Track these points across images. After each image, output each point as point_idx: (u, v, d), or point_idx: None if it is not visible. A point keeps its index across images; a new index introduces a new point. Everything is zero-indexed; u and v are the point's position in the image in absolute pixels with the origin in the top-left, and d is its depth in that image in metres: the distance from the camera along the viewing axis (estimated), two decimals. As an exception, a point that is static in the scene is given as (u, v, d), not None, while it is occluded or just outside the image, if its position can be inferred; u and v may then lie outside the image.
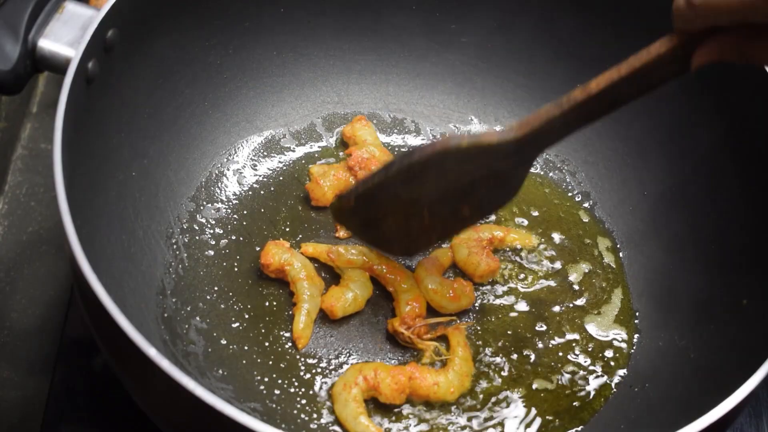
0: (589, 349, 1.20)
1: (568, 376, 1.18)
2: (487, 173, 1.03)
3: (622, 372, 1.18)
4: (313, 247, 1.23)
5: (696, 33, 0.86)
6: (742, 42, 0.84)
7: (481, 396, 1.15)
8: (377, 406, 1.12)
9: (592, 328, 1.22)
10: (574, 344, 1.20)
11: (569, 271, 1.27)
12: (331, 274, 1.22)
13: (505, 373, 1.17)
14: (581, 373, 1.18)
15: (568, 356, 1.19)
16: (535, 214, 1.32)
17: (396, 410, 1.12)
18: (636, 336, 1.22)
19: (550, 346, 1.20)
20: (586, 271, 1.27)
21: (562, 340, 1.20)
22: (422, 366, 1.14)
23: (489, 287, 1.24)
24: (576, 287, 1.25)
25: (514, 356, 1.18)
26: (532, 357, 1.19)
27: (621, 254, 1.29)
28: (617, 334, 1.21)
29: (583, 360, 1.19)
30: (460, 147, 0.99)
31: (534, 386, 1.16)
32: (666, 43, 0.88)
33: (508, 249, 1.28)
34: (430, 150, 1.00)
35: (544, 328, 1.21)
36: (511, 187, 1.07)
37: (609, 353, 1.20)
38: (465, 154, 0.99)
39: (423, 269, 1.21)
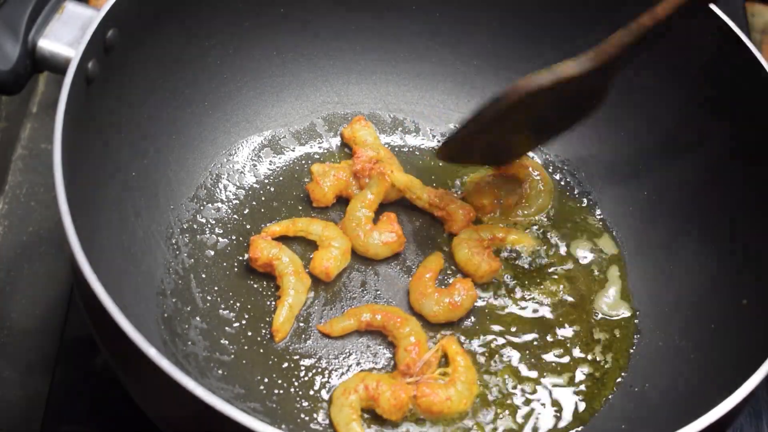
0: (591, 347, 1.20)
1: (569, 375, 1.18)
2: (569, 96, 1.11)
3: (622, 372, 1.18)
4: (278, 225, 1.23)
5: None
6: None
7: (484, 399, 1.15)
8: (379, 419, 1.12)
9: (593, 325, 1.22)
10: (575, 342, 1.20)
11: (568, 270, 1.27)
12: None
13: (508, 376, 1.17)
14: (583, 371, 1.18)
15: (570, 355, 1.19)
16: (535, 213, 1.32)
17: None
18: (636, 336, 1.22)
19: (551, 344, 1.20)
20: (585, 264, 1.27)
21: (563, 339, 1.20)
22: (429, 382, 1.12)
23: (490, 287, 1.24)
24: (575, 286, 1.25)
25: (515, 356, 1.18)
26: (533, 356, 1.18)
27: (621, 254, 1.29)
28: (620, 327, 1.21)
29: (585, 358, 1.19)
30: (543, 86, 1.06)
31: (534, 386, 1.16)
32: None
33: (508, 249, 1.27)
34: (515, 95, 1.07)
35: (546, 327, 1.21)
36: (594, 102, 1.15)
37: (609, 353, 1.20)
38: (547, 89, 1.07)
39: (416, 293, 1.20)
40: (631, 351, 1.20)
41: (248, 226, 1.26)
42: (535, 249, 1.28)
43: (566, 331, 1.21)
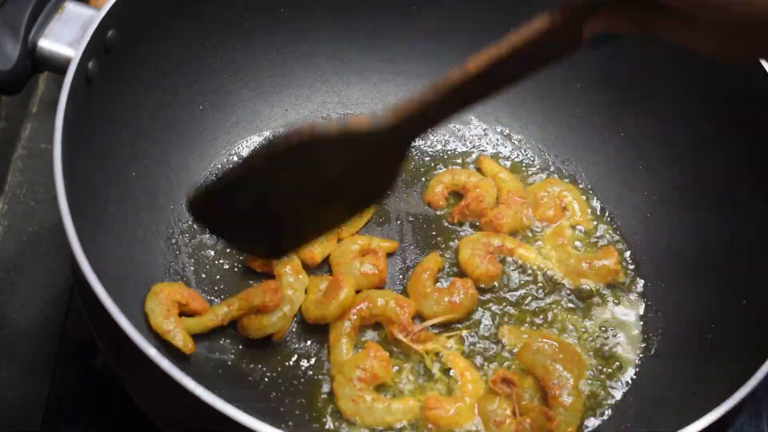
0: (591, 351, 1.20)
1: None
2: (358, 163, 0.93)
3: (622, 372, 1.18)
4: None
5: (584, 6, 0.79)
6: (640, 14, 0.78)
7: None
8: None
9: (595, 327, 1.22)
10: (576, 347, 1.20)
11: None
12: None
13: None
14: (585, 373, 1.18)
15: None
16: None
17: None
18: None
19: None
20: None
21: (564, 341, 1.20)
22: (436, 396, 1.12)
23: (494, 294, 1.23)
24: (576, 285, 1.25)
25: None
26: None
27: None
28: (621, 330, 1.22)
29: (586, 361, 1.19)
30: (328, 133, 0.88)
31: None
32: (549, 18, 0.80)
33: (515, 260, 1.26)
34: (295, 136, 0.88)
35: (549, 329, 1.21)
36: (385, 180, 0.97)
37: (612, 354, 1.20)
38: (333, 141, 0.89)
39: (415, 292, 1.20)
40: (632, 352, 1.20)
41: (248, 226, 1.26)
42: (541, 266, 1.26)
43: (567, 335, 1.21)
